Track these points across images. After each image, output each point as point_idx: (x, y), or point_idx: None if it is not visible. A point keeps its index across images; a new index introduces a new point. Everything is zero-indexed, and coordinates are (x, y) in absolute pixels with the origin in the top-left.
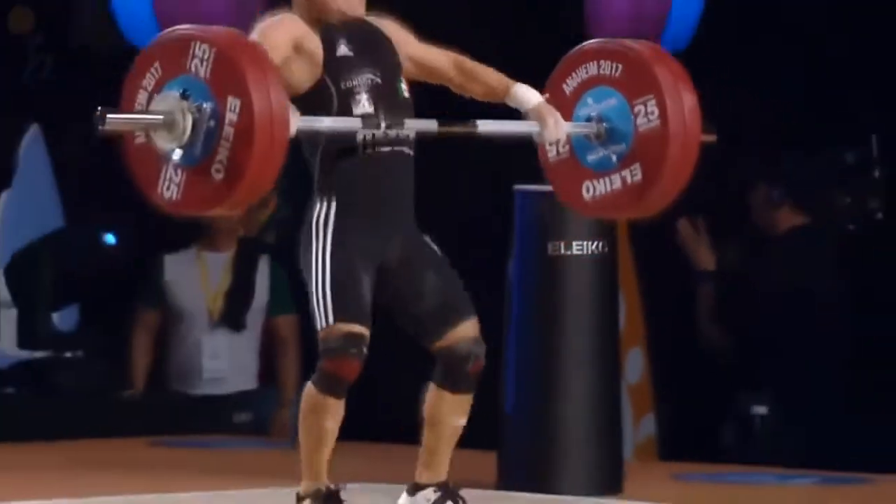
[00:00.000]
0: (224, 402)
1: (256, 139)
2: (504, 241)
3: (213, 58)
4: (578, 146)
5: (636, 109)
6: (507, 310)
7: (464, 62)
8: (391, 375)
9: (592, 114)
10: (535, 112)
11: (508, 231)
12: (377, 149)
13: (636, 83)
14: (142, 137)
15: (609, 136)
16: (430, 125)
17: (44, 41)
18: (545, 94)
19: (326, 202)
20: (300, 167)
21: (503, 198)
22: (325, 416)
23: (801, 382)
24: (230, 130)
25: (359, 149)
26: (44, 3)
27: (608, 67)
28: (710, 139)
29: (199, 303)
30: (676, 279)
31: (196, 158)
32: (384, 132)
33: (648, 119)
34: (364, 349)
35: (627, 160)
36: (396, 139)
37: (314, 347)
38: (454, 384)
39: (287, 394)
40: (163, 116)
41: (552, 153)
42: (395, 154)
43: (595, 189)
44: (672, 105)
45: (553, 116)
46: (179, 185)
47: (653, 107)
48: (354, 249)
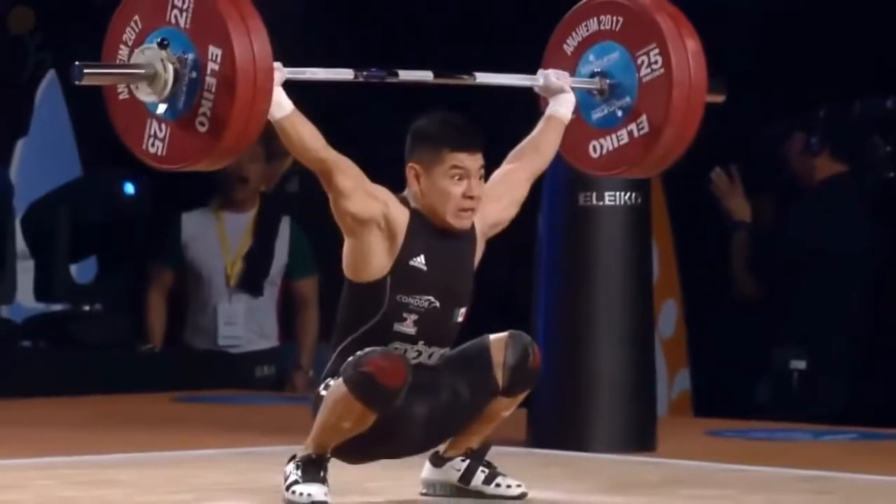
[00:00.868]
0: (246, 358)
1: (239, 89)
2: (533, 192)
3: (193, 7)
4: (583, 105)
5: (639, 60)
6: (537, 264)
7: (522, 154)
8: None
9: (595, 70)
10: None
11: (537, 181)
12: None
13: (637, 34)
14: (125, 93)
15: (613, 91)
16: (426, 76)
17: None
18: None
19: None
20: (322, 111)
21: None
22: (349, 419)
23: (840, 336)
24: (213, 81)
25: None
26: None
27: (608, 21)
28: (719, 98)
29: (218, 265)
30: (711, 230)
31: (179, 111)
32: (416, 352)
33: (652, 69)
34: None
35: (633, 113)
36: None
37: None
38: (518, 385)
39: (305, 356)
40: (143, 68)
41: None
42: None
43: (602, 147)
44: (675, 51)
45: (555, 73)
46: (164, 140)
47: (655, 56)
48: None
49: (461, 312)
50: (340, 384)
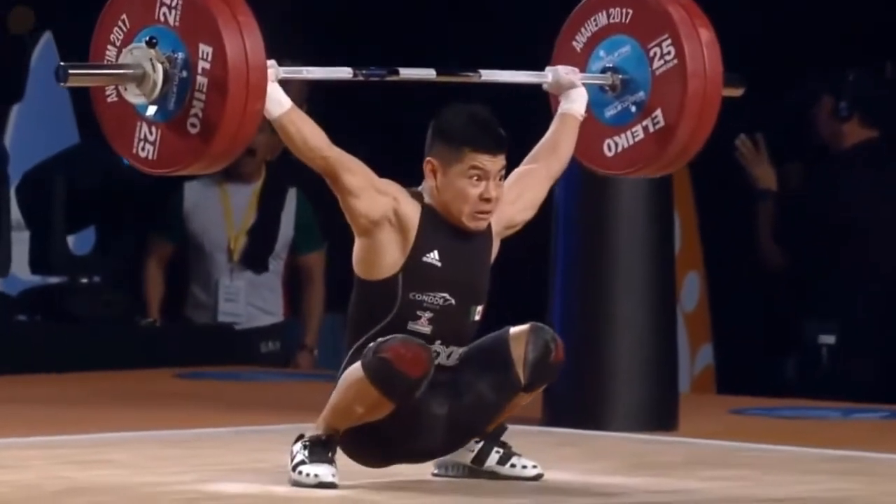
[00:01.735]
0: (250, 333)
1: (231, 88)
2: None
3: (182, 4)
4: (595, 103)
5: (651, 53)
6: (553, 233)
7: (539, 155)
8: None
9: (606, 66)
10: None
11: None
12: None
13: (648, 25)
14: (113, 95)
15: (625, 87)
16: (428, 73)
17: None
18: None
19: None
20: (329, 85)
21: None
22: (363, 405)
23: (870, 309)
24: (203, 81)
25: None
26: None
27: (618, 14)
28: (737, 92)
29: (220, 239)
30: (735, 199)
31: (170, 113)
32: (435, 353)
33: (665, 60)
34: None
35: (647, 108)
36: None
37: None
38: (540, 381)
39: (310, 334)
40: (130, 69)
41: None
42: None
43: (617, 145)
44: (688, 41)
45: (564, 69)
46: (155, 144)
47: (668, 46)
48: None
49: (478, 311)
50: (358, 367)
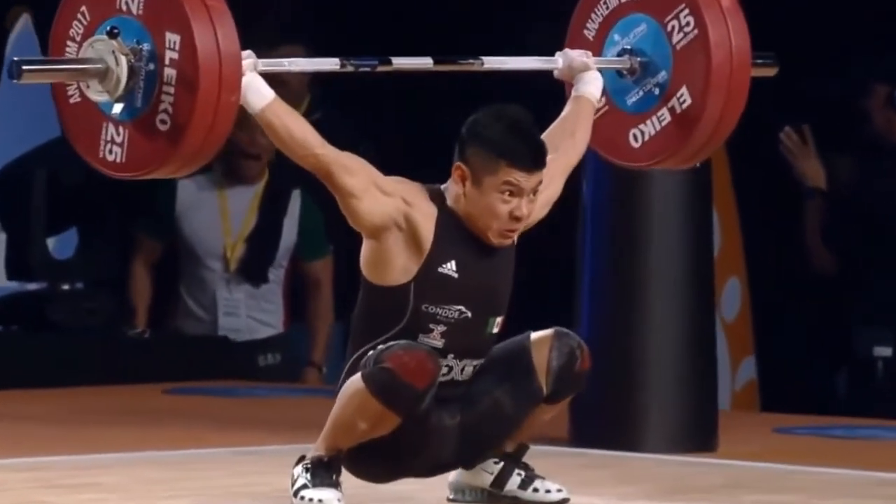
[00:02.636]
0: (248, 345)
1: (202, 79)
2: None
3: None
4: (615, 91)
5: (669, 27)
6: (581, 234)
7: (552, 143)
8: None
9: (622, 48)
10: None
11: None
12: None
13: None
14: (76, 95)
15: (645, 70)
16: (425, 63)
17: None
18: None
19: None
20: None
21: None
22: (366, 419)
23: None
24: (172, 73)
25: None
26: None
27: None
28: (770, 72)
29: (216, 245)
30: (781, 197)
31: (138, 110)
32: (447, 367)
33: (684, 33)
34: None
35: (671, 87)
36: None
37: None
38: (564, 391)
39: (318, 350)
40: (91, 63)
41: None
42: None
43: (644, 133)
44: (707, 9)
45: (577, 52)
46: (123, 145)
47: (686, 17)
48: None
49: (497, 322)
50: (358, 379)
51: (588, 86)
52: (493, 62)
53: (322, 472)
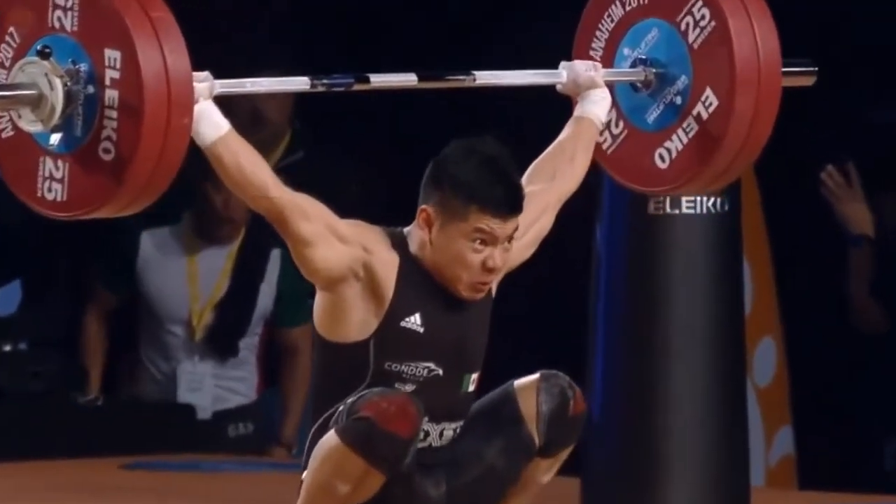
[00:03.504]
0: (215, 415)
1: (147, 100)
2: (589, 198)
3: (79, 2)
4: (632, 111)
5: (683, 25)
6: (594, 287)
7: (546, 170)
8: None
9: (636, 59)
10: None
11: (596, 184)
12: None
13: None
14: (9, 129)
15: (662, 80)
16: (408, 79)
17: None
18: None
19: None
20: (313, 106)
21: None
22: (346, 480)
23: None
24: (114, 94)
25: None
26: None
27: None
28: (807, 82)
29: (180, 310)
30: (821, 245)
31: (77, 140)
32: (423, 432)
33: (700, 27)
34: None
35: (694, 92)
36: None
37: None
38: (559, 440)
39: (290, 425)
40: (21, 89)
41: (606, 141)
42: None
43: (670, 151)
44: None
45: (584, 64)
46: (63, 181)
47: (701, 9)
48: None
49: (472, 379)
50: (332, 436)
51: (594, 106)
52: (487, 77)
53: None
